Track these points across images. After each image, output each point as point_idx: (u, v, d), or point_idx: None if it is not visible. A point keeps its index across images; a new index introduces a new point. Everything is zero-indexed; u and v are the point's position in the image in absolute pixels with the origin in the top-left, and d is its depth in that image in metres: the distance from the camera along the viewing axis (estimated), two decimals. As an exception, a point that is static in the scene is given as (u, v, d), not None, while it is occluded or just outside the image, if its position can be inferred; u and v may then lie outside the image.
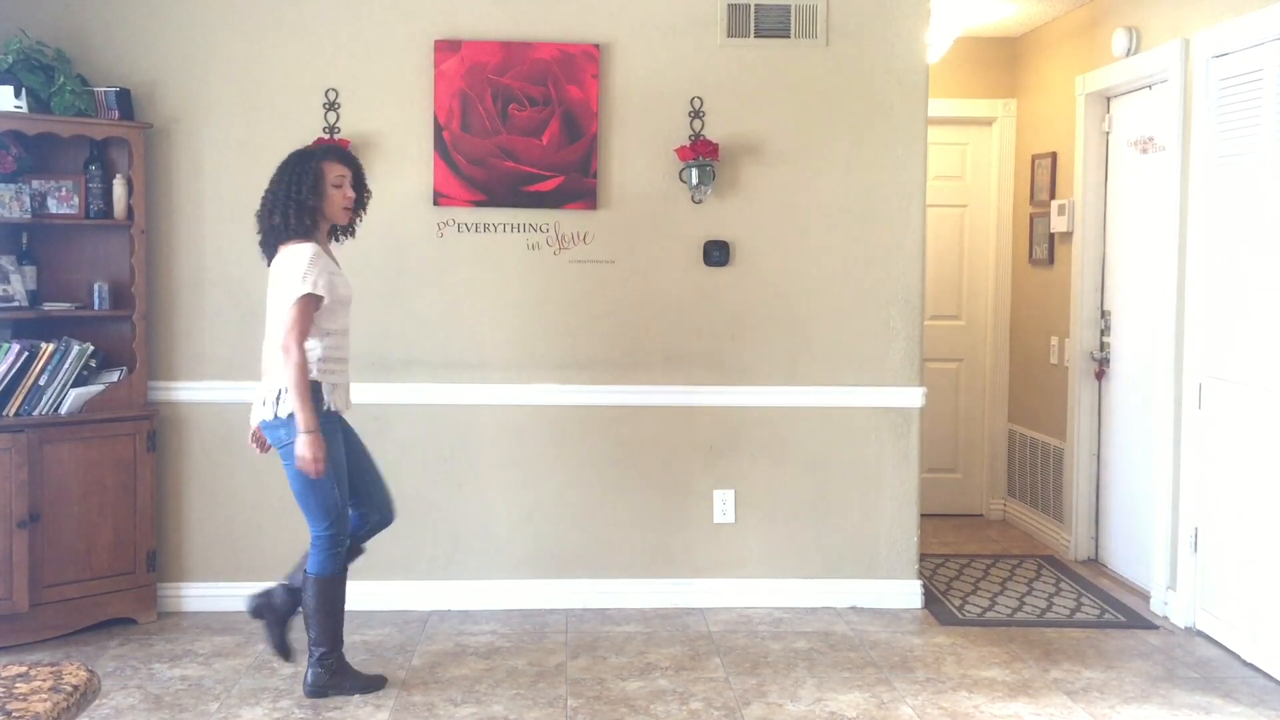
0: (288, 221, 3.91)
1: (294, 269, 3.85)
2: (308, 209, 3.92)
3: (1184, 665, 4.42)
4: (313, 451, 3.81)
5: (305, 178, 3.93)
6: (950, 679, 4.27)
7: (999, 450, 6.84)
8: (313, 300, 3.85)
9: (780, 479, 5.07)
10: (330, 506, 3.96)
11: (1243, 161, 4.43)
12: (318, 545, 3.99)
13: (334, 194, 3.97)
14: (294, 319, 3.82)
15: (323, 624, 4.00)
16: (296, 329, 3.82)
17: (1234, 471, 4.48)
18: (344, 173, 4.00)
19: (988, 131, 6.79)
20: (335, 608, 4.02)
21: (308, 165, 3.95)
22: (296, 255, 3.88)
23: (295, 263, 3.86)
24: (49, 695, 1.71)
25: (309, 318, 3.85)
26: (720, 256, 4.99)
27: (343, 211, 4.01)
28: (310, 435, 3.81)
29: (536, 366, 4.99)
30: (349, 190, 4.01)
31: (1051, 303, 6.19)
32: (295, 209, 3.91)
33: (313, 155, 4.00)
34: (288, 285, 3.85)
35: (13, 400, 4.47)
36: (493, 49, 4.88)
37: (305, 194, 3.92)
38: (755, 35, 4.96)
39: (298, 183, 3.92)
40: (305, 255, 3.86)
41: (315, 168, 3.95)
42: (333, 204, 3.98)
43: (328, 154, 4.02)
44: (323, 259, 3.91)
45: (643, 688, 4.15)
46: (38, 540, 4.47)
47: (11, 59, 4.54)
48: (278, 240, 3.95)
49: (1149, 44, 5.16)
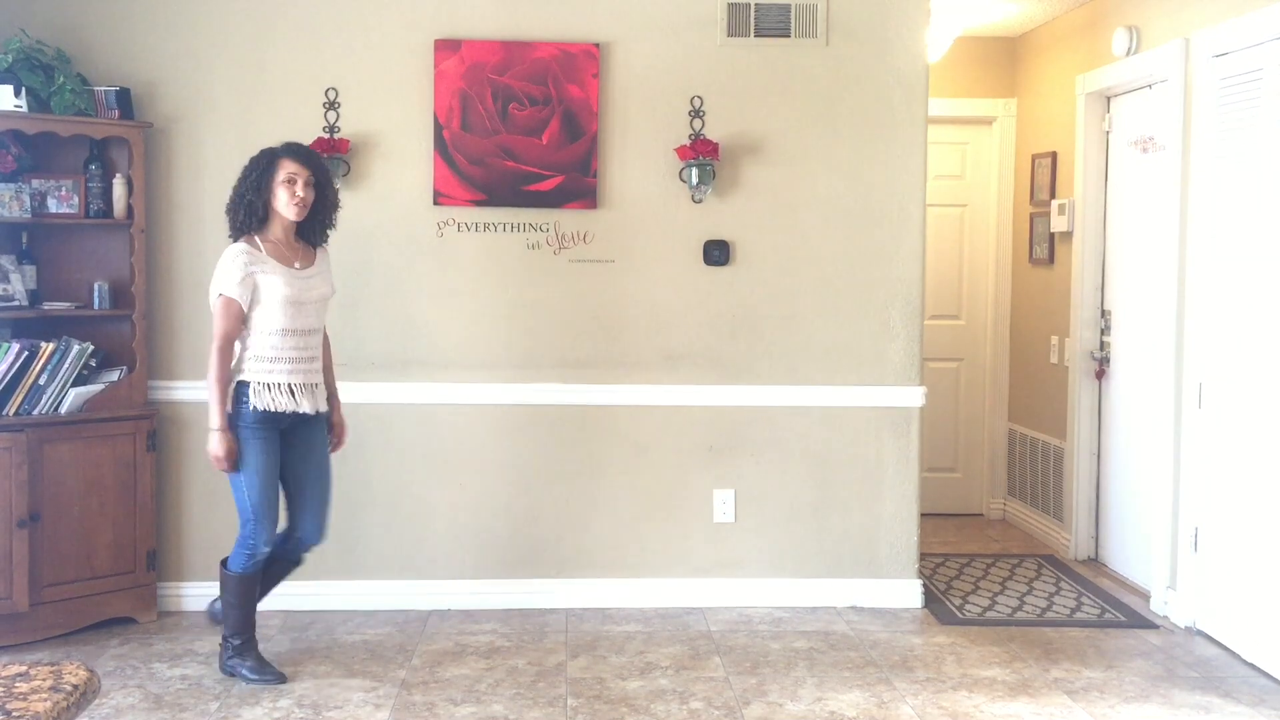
0: (236, 216, 4.03)
1: (217, 268, 3.99)
2: (249, 205, 4.01)
3: (1184, 665, 4.42)
4: (214, 449, 3.96)
5: (253, 174, 4.03)
6: (950, 678, 4.27)
7: (999, 450, 6.84)
8: (229, 301, 3.95)
9: (780, 479, 5.07)
10: (244, 508, 4.05)
11: (1243, 161, 4.43)
12: (237, 541, 4.12)
13: (280, 191, 4.01)
14: (215, 320, 3.98)
15: (230, 615, 4.14)
16: (217, 329, 3.96)
17: (1234, 471, 4.48)
18: (296, 170, 4.03)
19: (988, 131, 6.79)
20: (244, 601, 4.14)
21: (260, 162, 4.05)
22: (223, 257, 4.01)
23: (220, 264, 3.99)
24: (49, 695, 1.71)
25: (225, 318, 3.95)
26: (720, 256, 4.99)
27: (293, 209, 4.03)
28: (215, 433, 3.95)
29: (536, 366, 4.99)
30: (300, 189, 4.03)
31: (1051, 302, 6.19)
32: (244, 205, 4.02)
33: (268, 152, 4.08)
34: (212, 284, 4.01)
35: (13, 400, 4.47)
36: (493, 48, 4.88)
37: (249, 190, 4.01)
38: (755, 35, 4.96)
39: (247, 178, 4.04)
40: (227, 256, 3.99)
41: (267, 164, 4.03)
42: (280, 201, 4.02)
43: (284, 152, 4.08)
44: (246, 258, 3.97)
45: (643, 687, 4.15)
46: (38, 540, 4.47)
47: (11, 58, 4.54)
48: (239, 235, 4.05)
49: (1149, 43, 5.16)
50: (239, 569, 4.11)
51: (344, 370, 4.94)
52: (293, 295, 4.02)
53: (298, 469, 4.17)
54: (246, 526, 4.06)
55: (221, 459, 3.96)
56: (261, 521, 4.05)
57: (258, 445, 4.01)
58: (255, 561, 4.10)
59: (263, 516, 4.04)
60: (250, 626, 4.17)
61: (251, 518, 4.04)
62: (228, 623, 4.16)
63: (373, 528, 4.99)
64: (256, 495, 4.03)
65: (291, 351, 4.04)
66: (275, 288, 3.99)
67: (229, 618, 4.15)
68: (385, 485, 4.99)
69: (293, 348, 4.03)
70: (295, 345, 4.04)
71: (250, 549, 4.08)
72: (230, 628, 4.15)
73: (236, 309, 3.96)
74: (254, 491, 4.02)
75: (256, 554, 4.09)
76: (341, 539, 5.00)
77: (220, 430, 3.95)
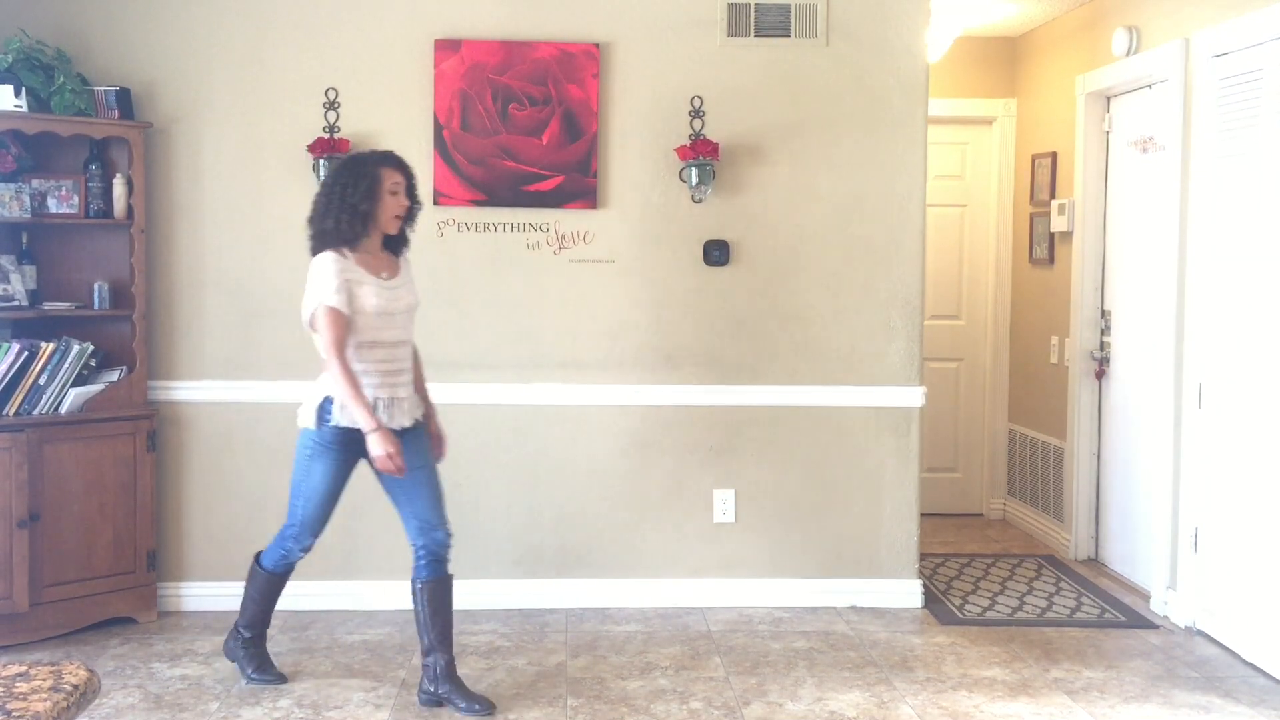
0: (339, 226, 3.81)
1: (311, 281, 3.82)
2: (360, 214, 3.82)
3: (1184, 665, 4.42)
4: (378, 451, 3.75)
5: (361, 182, 3.82)
6: (950, 678, 4.27)
7: (999, 450, 6.84)
8: (330, 311, 3.76)
9: (780, 479, 5.07)
10: (294, 512, 3.99)
11: (1243, 161, 4.43)
12: (277, 537, 4.09)
13: (389, 201, 3.86)
14: (324, 331, 3.77)
15: (248, 607, 4.13)
16: (329, 340, 3.75)
17: (1234, 471, 4.48)
18: (400, 180, 3.89)
19: (988, 131, 6.79)
20: (265, 597, 4.13)
21: (365, 170, 3.85)
22: (314, 267, 3.82)
23: (312, 274, 3.82)
24: (49, 695, 1.71)
25: (334, 326, 3.75)
26: (720, 256, 4.99)
27: (394, 220, 3.89)
28: (373, 435, 3.74)
29: (536, 366, 4.99)
30: (404, 198, 3.90)
31: (1051, 302, 6.19)
32: (349, 214, 3.81)
33: (370, 160, 3.90)
34: (308, 298, 3.82)
35: (13, 400, 4.47)
36: (493, 48, 4.88)
37: (360, 199, 3.81)
38: (755, 35, 4.96)
39: (354, 187, 3.81)
40: (319, 266, 3.80)
41: (373, 173, 3.84)
42: (386, 211, 3.86)
43: (386, 160, 3.91)
44: (338, 266, 3.78)
45: (643, 687, 4.15)
46: (38, 540, 4.47)
47: (11, 58, 4.54)
48: (329, 245, 3.83)
49: (1149, 44, 5.16)
50: (270, 566, 4.10)
51: (344, 370, 4.95)
52: (382, 306, 3.85)
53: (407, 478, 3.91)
54: (291, 529, 4.01)
55: (392, 456, 3.73)
56: (305, 533, 4.00)
57: (329, 463, 3.89)
58: (287, 564, 4.08)
59: (308, 530, 4.00)
60: (264, 624, 4.18)
61: (298, 524, 3.99)
62: (244, 613, 4.15)
63: (373, 528, 4.99)
64: (312, 509, 3.95)
65: (377, 365, 3.86)
66: (366, 298, 3.81)
67: (247, 609, 4.14)
68: (384, 485, 4.97)
69: (379, 360, 3.85)
70: (381, 358, 3.86)
71: (286, 550, 4.05)
72: (245, 619, 4.15)
73: (341, 317, 3.76)
74: (310, 505, 3.95)
75: (291, 557, 4.06)
76: (341, 539, 5.00)
77: (378, 430, 3.74)
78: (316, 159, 4.79)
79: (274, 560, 4.09)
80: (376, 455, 3.75)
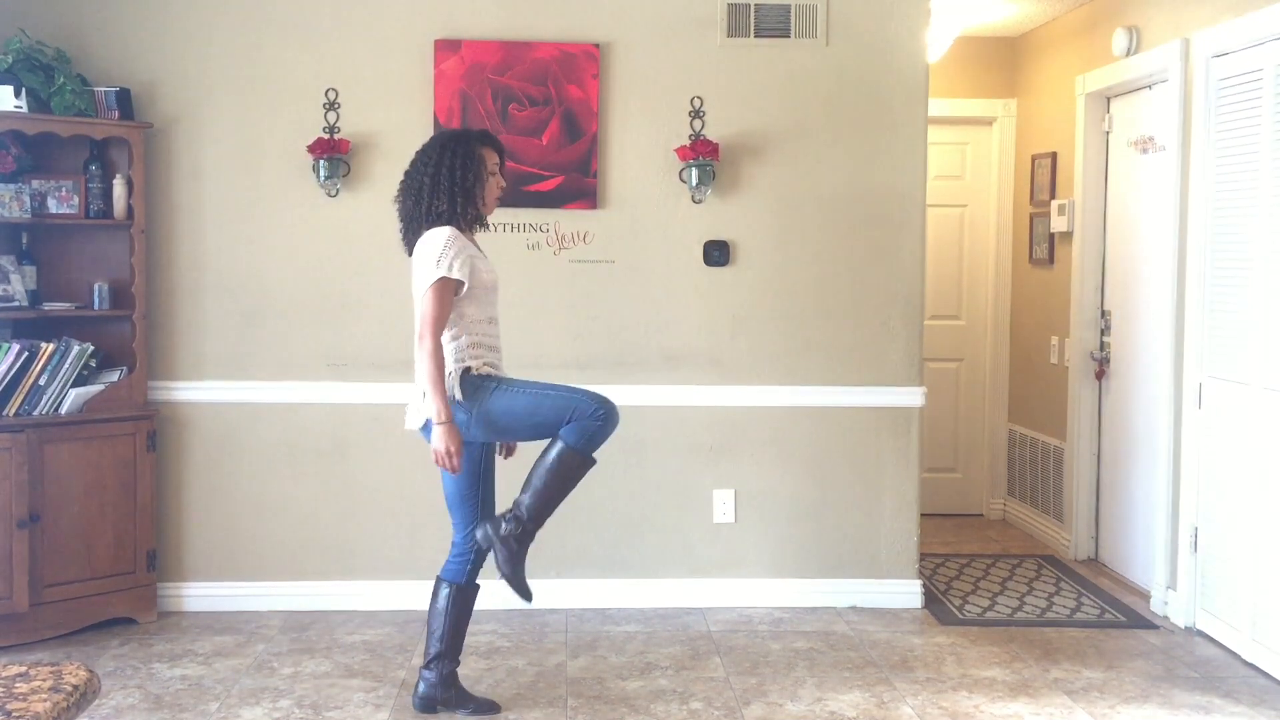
0: (454, 206, 3.66)
1: (429, 253, 3.61)
2: (472, 195, 3.69)
3: (1184, 665, 4.42)
4: (446, 444, 3.57)
5: (470, 162, 3.68)
6: (950, 679, 4.27)
7: (999, 450, 6.84)
8: (449, 285, 3.58)
9: (780, 479, 5.07)
10: (467, 506, 3.79)
11: (1243, 161, 4.43)
12: (454, 550, 3.85)
13: (491, 181, 3.76)
14: (429, 305, 3.57)
15: (447, 633, 3.83)
16: (431, 315, 3.57)
17: (1233, 471, 4.48)
18: (497, 160, 3.79)
19: (988, 131, 6.79)
20: (461, 616, 3.85)
21: (470, 149, 3.70)
22: (432, 239, 3.62)
23: (431, 247, 3.61)
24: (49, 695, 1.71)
25: (444, 303, 3.58)
26: (720, 256, 4.99)
27: (494, 202, 3.79)
28: (444, 426, 3.56)
29: (536, 366, 4.98)
30: (500, 178, 3.80)
31: (1051, 303, 6.19)
32: (462, 194, 3.66)
33: (470, 138, 3.75)
34: (424, 271, 3.62)
35: (13, 400, 4.47)
36: (493, 49, 4.89)
37: (471, 179, 3.67)
38: (755, 35, 4.96)
39: (461, 167, 3.67)
40: (441, 238, 3.61)
41: (477, 152, 3.71)
42: (490, 191, 3.76)
43: (486, 139, 3.78)
44: (461, 241, 3.64)
45: (643, 687, 4.15)
46: (38, 540, 4.47)
47: (11, 59, 4.54)
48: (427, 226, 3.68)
49: (1149, 44, 5.16)
50: (462, 578, 3.84)
51: (344, 370, 4.95)
52: (492, 281, 3.76)
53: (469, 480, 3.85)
54: (468, 526, 3.81)
55: (455, 454, 3.58)
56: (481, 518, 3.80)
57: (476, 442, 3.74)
58: (471, 563, 3.84)
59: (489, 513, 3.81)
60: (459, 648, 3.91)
61: (476, 516, 3.79)
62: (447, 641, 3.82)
63: (373, 528, 4.99)
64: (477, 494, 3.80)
65: (493, 339, 3.77)
66: (484, 273, 3.70)
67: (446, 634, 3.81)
68: (385, 486, 4.99)
69: (493, 335, 3.76)
70: (495, 334, 3.78)
71: (469, 552, 3.84)
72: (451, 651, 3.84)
73: (450, 293, 3.59)
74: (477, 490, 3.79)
75: (483, 557, 3.83)
76: (341, 539, 5.00)
77: (449, 423, 3.57)
78: (316, 159, 4.79)
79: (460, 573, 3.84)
80: (438, 448, 3.58)
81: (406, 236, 3.78)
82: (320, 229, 4.92)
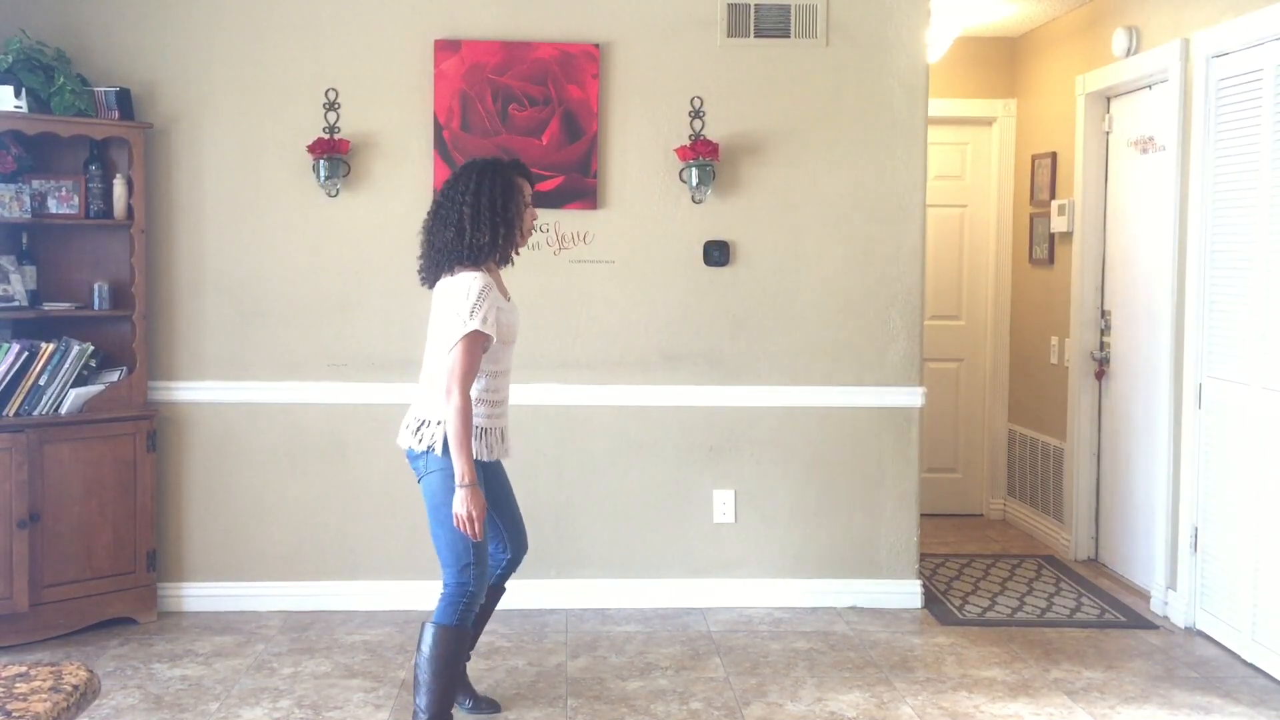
0: (495, 238, 3.53)
1: (462, 301, 3.45)
2: (513, 226, 3.56)
3: (1184, 665, 4.42)
4: (468, 507, 3.43)
5: (511, 193, 3.56)
6: (950, 679, 4.27)
7: (999, 450, 6.84)
8: (480, 339, 3.46)
9: (780, 479, 5.07)
10: (460, 554, 3.54)
11: (1242, 161, 4.43)
12: (444, 593, 3.59)
13: (527, 213, 3.63)
14: (458, 359, 3.43)
15: (431, 682, 3.54)
16: (460, 370, 3.43)
17: (1233, 471, 4.48)
18: (531, 193, 3.67)
19: (988, 131, 6.79)
20: (450, 665, 3.57)
21: (508, 179, 3.58)
22: (467, 285, 3.47)
23: (464, 294, 3.46)
24: (49, 695, 1.71)
25: (475, 357, 3.46)
26: (720, 256, 4.99)
27: (529, 234, 3.68)
28: (468, 490, 3.43)
29: (536, 366, 4.99)
30: (534, 209, 3.71)
31: (1051, 303, 6.19)
32: (504, 224, 3.53)
33: (507, 168, 3.62)
34: (453, 317, 3.46)
35: (13, 400, 4.47)
36: (493, 49, 4.89)
37: (513, 210, 3.56)
38: (755, 35, 4.96)
39: (503, 196, 3.54)
40: (476, 286, 3.46)
41: (515, 182, 3.59)
42: (527, 223, 3.64)
43: (519, 170, 3.65)
44: (494, 292, 3.52)
45: (643, 687, 4.15)
46: (38, 540, 4.47)
47: (11, 59, 4.54)
48: (478, 261, 3.53)
49: (1149, 44, 5.16)
50: (451, 620, 3.56)
51: (344, 371, 4.95)
52: (515, 334, 3.67)
53: (498, 499, 3.78)
54: (465, 573, 3.55)
55: (474, 519, 3.43)
56: (481, 565, 3.57)
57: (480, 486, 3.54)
58: (465, 608, 3.58)
59: (482, 561, 3.57)
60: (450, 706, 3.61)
61: (471, 561, 3.54)
62: (429, 695, 3.53)
63: (373, 528, 4.99)
64: (476, 545, 3.54)
65: (499, 394, 3.66)
66: (508, 326, 3.60)
67: (430, 687, 3.53)
68: (385, 485, 4.98)
69: (501, 389, 3.66)
70: (503, 386, 3.66)
71: (469, 597, 3.57)
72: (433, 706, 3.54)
73: (481, 348, 3.48)
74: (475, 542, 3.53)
75: (468, 600, 3.58)
76: (341, 539, 5.00)
77: (473, 487, 3.43)
78: (316, 159, 4.80)
79: (457, 614, 3.57)
80: (458, 512, 3.43)
81: (430, 269, 3.63)
82: (320, 229, 4.92)
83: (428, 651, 3.55)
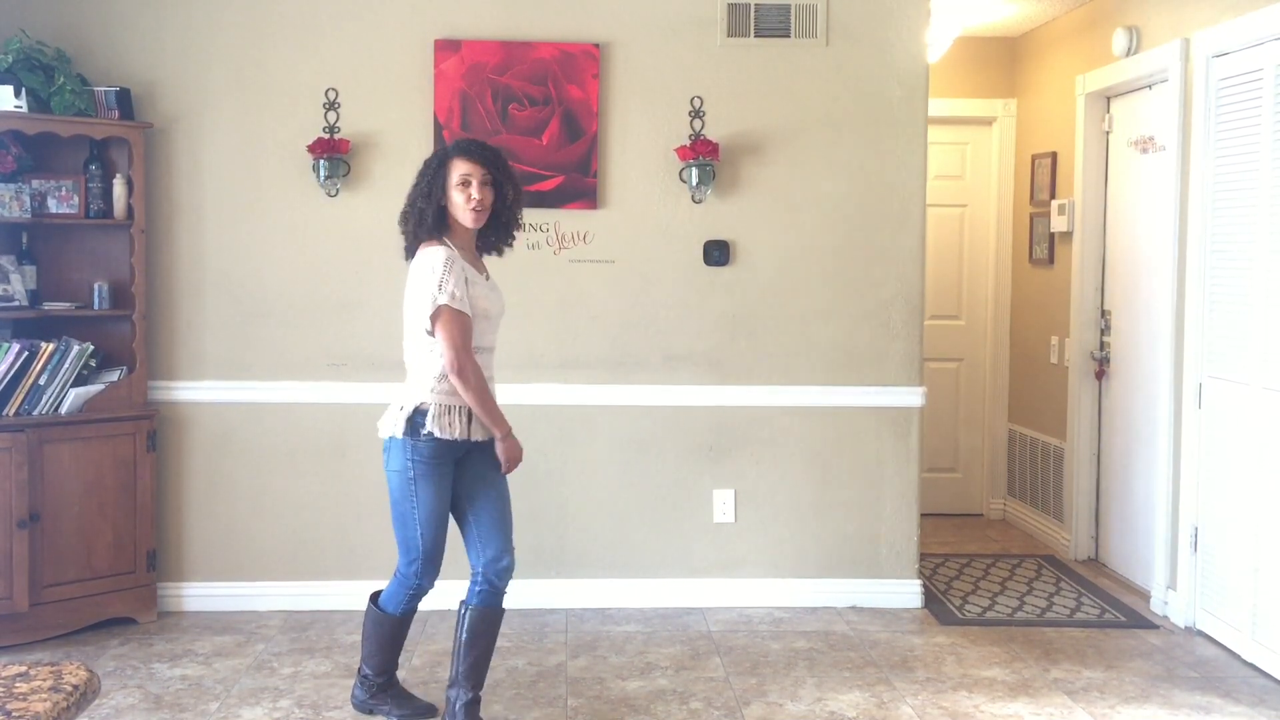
0: (406, 225, 3.65)
1: (426, 279, 3.51)
2: (419, 213, 3.59)
3: (1184, 665, 4.42)
4: (508, 453, 3.68)
5: (424, 178, 3.62)
6: (950, 679, 4.27)
7: (999, 450, 6.84)
8: (454, 314, 3.50)
9: (780, 479, 5.08)
10: (413, 546, 3.63)
11: (1242, 161, 4.43)
12: (394, 577, 3.75)
13: (455, 195, 3.58)
14: (447, 334, 3.50)
15: (370, 648, 3.84)
16: (451, 342, 3.49)
17: (1233, 471, 4.48)
18: (470, 170, 3.57)
19: (988, 131, 6.79)
20: (386, 641, 3.82)
21: (431, 164, 3.64)
22: (426, 259, 3.54)
23: (429, 269, 3.52)
24: (49, 695, 1.71)
25: (460, 325, 3.50)
26: (720, 256, 4.99)
27: (470, 214, 3.58)
28: (512, 439, 3.68)
29: (536, 366, 4.99)
30: (476, 190, 3.58)
31: (1051, 303, 6.19)
32: (414, 214, 3.61)
33: (439, 153, 3.68)
34: (420, 295, 3.53)
35: (13, 400, 4.47)
36: (493, 49, 4.89)
37: (419, 197, 3.61)
38: (755, 35, 4.96)
39: (419, 184, 3.63)
40: (440, 259, 3.51)
41: (438, 166, 3.62)
42: (455, 206, 3.59)
43: (455, 150, 3.63)
44: (459, 264, 3.54)
45: (643, 687, 4.15)
46: (38, 540, 4.47)
47: (11, 59, 4.54)
48: (417, 240, 3.63)
49: (1149, 44, 5.16)
50: (397, 610, 3.75)
51: (344, 370, 4.95)
52: (488, 309, 3.64)
53: (476, 496, 3.70)
54: (413, 565, 3.65)
55: (514, 461, 3.69)
56: (432, 561, 3.65)
57: (434, 481, 3.58)
58: (407, 598, 3.72)
59: (434, 556, 3.65)
60: (394, 667, 3.90)
61: (420, 556, 3.63)
62: (371, 660, 3.84)
63: (373, 528, 4.99)
64: (430, 535, 3.61)
65: (491, 372, 3.68)
66: (478, 300, 3.59)
67: (374, 656, 3.82)
68: (385, 486, 4.97)
69: (489, 365, 3.67)
70: (490, 365, 3.67)
71: (414, 589, 3.69)
72: (373, 665, 3.84)
73: (465, 317, 3.52)
74: (428, 530, 3.61)
75: (420, 594, 3.72)
76: (341, 539, 5.00)
77: (509, 437, 3.67)
78: (316, 159, 4.80)
79: (400, 603, 3.74)
80: (513, 458, 3.69)
81: (407, 254, 3.72)
82: (320, 229, 4.92)
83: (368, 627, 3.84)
